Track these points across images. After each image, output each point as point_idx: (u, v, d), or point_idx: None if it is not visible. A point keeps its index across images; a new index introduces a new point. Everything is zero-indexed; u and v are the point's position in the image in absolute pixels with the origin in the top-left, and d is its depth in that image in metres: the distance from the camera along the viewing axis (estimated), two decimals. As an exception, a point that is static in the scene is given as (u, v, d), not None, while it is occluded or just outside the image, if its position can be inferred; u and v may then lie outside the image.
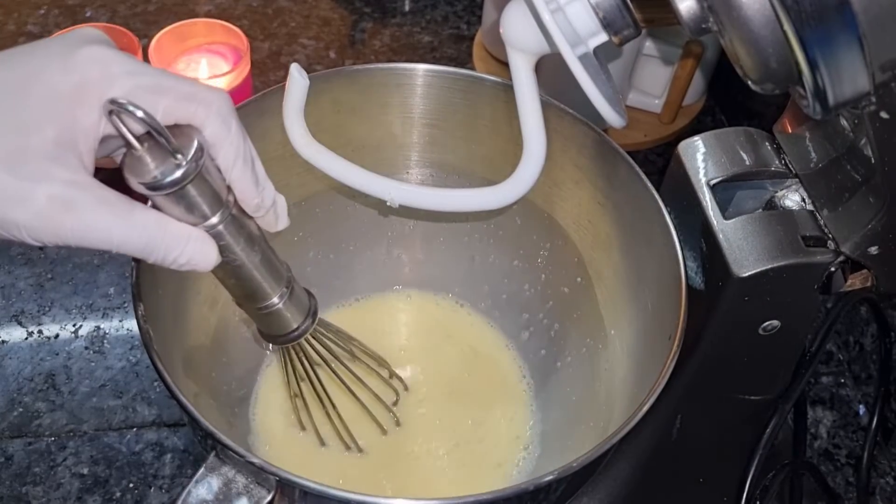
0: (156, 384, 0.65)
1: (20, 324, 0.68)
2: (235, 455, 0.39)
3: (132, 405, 0.64)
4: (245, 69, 0.76)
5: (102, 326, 0.68)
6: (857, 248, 0.44)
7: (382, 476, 0.57)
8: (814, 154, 0.47)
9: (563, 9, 0.40)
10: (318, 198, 0.60)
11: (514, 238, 0.62)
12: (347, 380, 0.53)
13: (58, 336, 0.67)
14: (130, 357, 0.66)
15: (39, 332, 0.67)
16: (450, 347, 0.64)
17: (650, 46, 0.80)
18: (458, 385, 0.62)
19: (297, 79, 0.49)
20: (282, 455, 0.57)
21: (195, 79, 0.38)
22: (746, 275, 0.44)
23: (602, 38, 0.42)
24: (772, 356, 0.51)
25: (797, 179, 0.48)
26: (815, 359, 0.53)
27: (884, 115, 0.37)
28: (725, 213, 0.47)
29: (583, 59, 0.41)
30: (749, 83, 0.35)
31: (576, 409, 0.57)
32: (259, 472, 0.40)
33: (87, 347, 0.67)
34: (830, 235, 0.45)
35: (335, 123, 0.57)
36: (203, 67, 0.77)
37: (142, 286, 0.45)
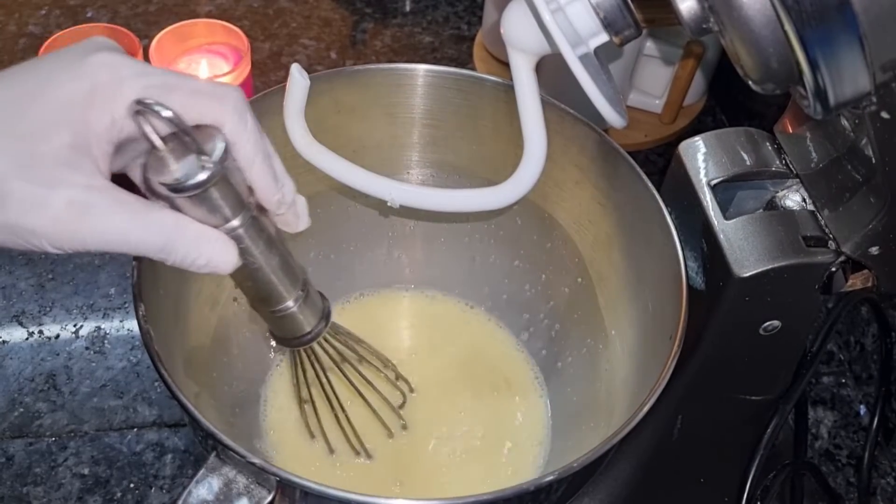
0: (156, 384, 0.65)
1: (21, 324, 0.68)
2: (236, 455, 0.39)
3: (133, 405, 0.64)
4: (245, 70, 0.76)
5: (103, 327, 0.68)
6: (858, 249, 0.44)
7: (392, 480, 0.56)
8: (814, 154, 0.47)
9: (564, 9, 0.40)
10: (319, 198, 0.60)
11: (515, 238, 0.62)
12: (357, 382, 0.53)
13: (58, 336, 0.67)
14: (131, 357, 0.66)
15: (40, 333, 0.67)
16: (452, 348, 0.64)
17: (651, 46, 0.80)
18: (463, 386, 0.62)
19: (298, 79, 0.49)
20: (292, 463, 0.56)
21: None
22: (747, 275, 0.44)
23: (603, 39, 0.42)
24: (773, 356, 0.51)
25: (798, 179, 0.48)
26: (816, 359, 0.53)
27: (884, 115, 0.37)
28: (726, 214, 0.47)
29: (583, 60, 0.41)
30: (750, 83, 0.35)
31: (576, 410, 0.57)
32: (260, 473, 0.40)
33: (88, 348, 0.67)
34: (831, 235, 0.45)
35: (336, 124, 0.57)
36: (203, 68, 0.77)
37: (142, 286, 0.45)
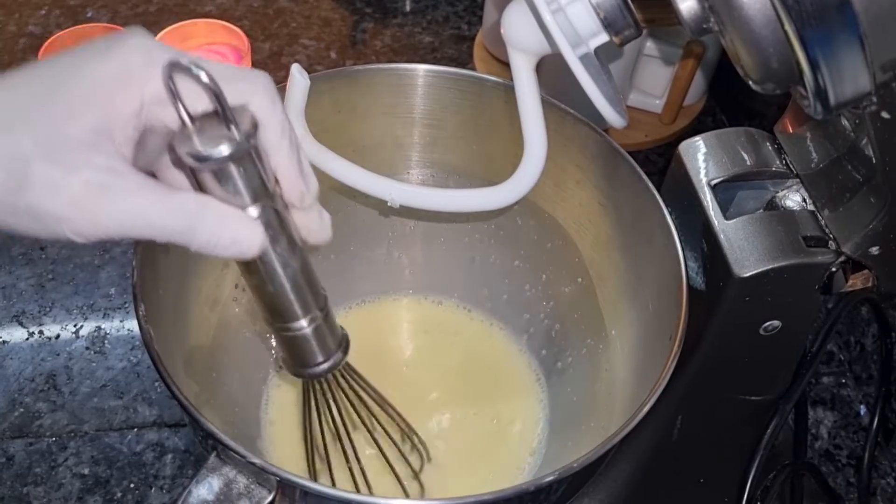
0: (157, 384, 0.65)
1: (21, 324, 0.68)
2: (236, 455, 0.39)
3: (133, 405, 0.64)
4: (246, 69, 0.76)
5: (103, 327, 0.68)
6: (858, 249, 0.44)
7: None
8: (815, 154, 0.47)
9: (564, 9, 0.40)
10: (319, 198, 0.60)
11: (515, 238, 0.62)
12: (372, 429, 0.49)
13: (59, 336, 0.67)
14: (131, 357, 0.66)
15: (40, 333, 0.67)
16: (454, 349, 0.64)
17: (651, 47, 0.80)
18: (463, 390, 0.61)
19: (298, 79, 0.49)
20: (292, 463, 0.55)
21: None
22: (747, 275, 0.44)
23: (603, 39, 0.42)
24: (773, 356, 0.51)
25: (798, 180, 0.48)
26: (816, 359, 0.53)
27: (885, 115, 0.37)
28: (726, 214, 0.47)
29: (584, 60, 0.41)
30: (750, 83, 0.35)
31: (576, 410, 0.57)
32: (260, 473, 0.40)
33: (88, 348, 0.67)
34: (831, 236, 0.45)
35: (336, 124, 0.57)
36: (204, 68, 0.77)
37: (143, 286, 0.44)
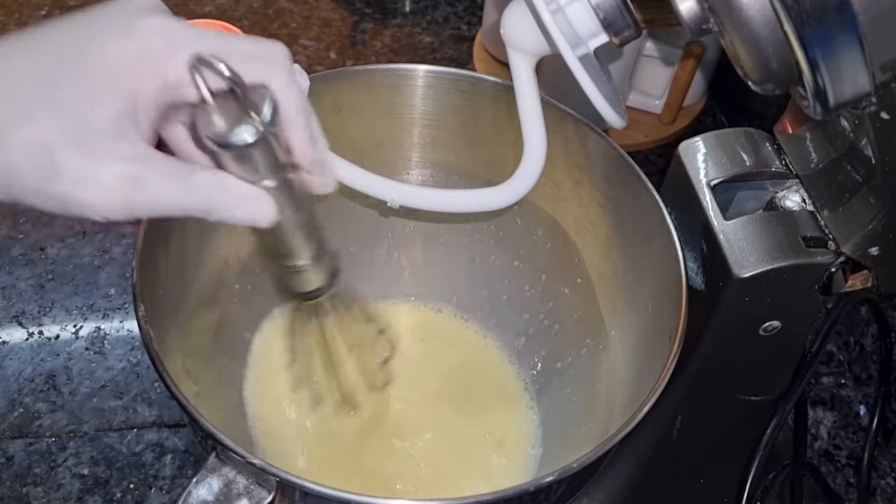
0: (156, 385, 0.65)
1: (21, 324, 0.68)
2: (236, 456, 0.39)
3: (133, 406, 0.64)
4: (245, 70, 0.76)
5: (103, 327, 0.68)
6: (858, 249, 0.44)
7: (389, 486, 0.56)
8: (814, 155, 0.47)
9: (564, 9, 0.40)
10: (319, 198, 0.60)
11: (515, 239, 0.62)
12: (346, 342, 0.54)
13: (58, 337, 0.67)
14: (131, 358, 0.66)
15: (40, 333, 0.67)
16: (450, 351, 0.64)
17: (651, 47, 0.80)
18: (456, 395, 0.61)
19: (298, 80, 0.49)
20: (291, 463, 0.56)
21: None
22: (747, 275, 0.44)
23: (602, 39, 0.42)
24: (772, 357, 0.51)
25: (798, 180, 0.48)
26: (816, 359, 0.53)
27: (884, 116, 0.37)
28: (726, 214, 0.47)
29: (583, 60, 0.41)
30: (749, 83, 0.35)
31: (576, 410, 0.57)
32: (260, 473, 0.40)
33: (88, 348, 0.67)
34: (831, 236, 0.45)
35: (336, 124, 0.57)
36: (203, 68, 0.77)
37: (143, 286, 0.44)
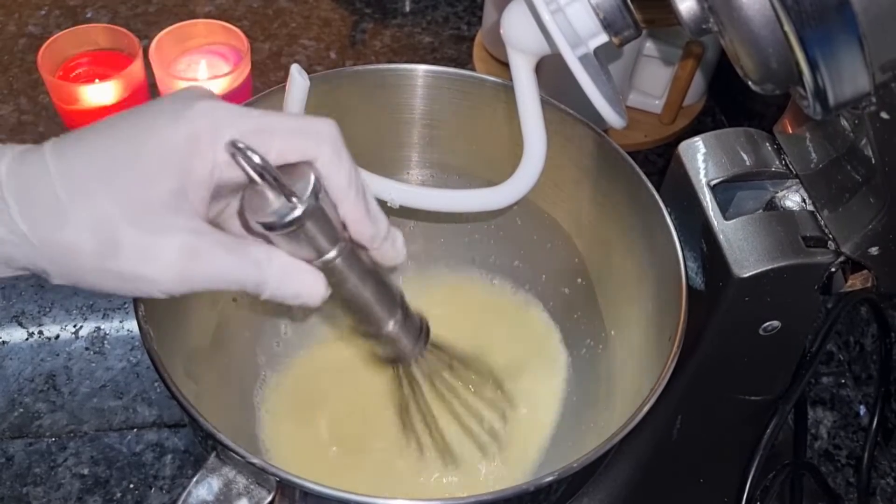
0: (156, 385, 0.65)
1: (21, 324, 0.68)
2: (236, 456, 0.39)
3: (133, 406, 0.64)
4: (245, 70, 0.76)
5: (103, 327, 0.68)
6: (858, 249, 0.44)
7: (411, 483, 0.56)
8: (814, 154, 0.47)
9: (564, 9, 0.40)
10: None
11: (515, 239, 0.62)
12: (450, 397, 0.52)
13: (58, 337, 0.67)
14: (131, 357, 0.66)
15: (40, 333, 0.67)
16: (467, 322, 0.61)
17: (650, 47, 0.80)
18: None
19: (298, 79, 0.49)
20: (290, 463, 0.55)
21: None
22: (747, 275, 0.44)
23: (602, 39, 0.42)
24: (772, 357, 0.51)
25: (797, 180, 0.48)
26: (816, 359, 0.53)
27: (884, 116, 0.37)
28: (726, 214, 0.47)
29: (583, 60, 0.41)
30: (749, 83, 0.35)
31: (576, 410, 0.57)
32: (259, 473, 0.40)
33: (88, 348, 0.67)
34: (831, 236, 0.45)
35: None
36: (203, 68, 0.77)
37: (142, 287, 0.44)
